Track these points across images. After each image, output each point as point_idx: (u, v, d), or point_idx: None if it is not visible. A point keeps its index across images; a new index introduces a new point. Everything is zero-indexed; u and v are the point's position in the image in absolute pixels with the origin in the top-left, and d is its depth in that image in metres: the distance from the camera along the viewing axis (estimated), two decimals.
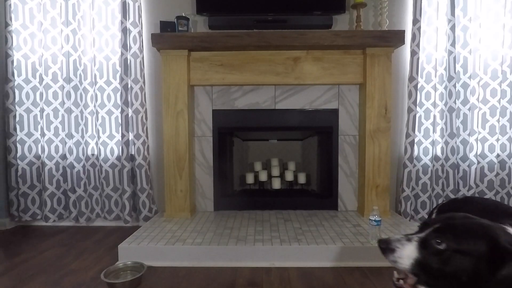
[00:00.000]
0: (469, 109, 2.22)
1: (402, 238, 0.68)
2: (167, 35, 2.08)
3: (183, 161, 2.19)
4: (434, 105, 2.26)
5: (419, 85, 2.24)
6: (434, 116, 2.27)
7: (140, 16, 2.22)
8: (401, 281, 0.71)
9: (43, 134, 2.28)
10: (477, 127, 2.29)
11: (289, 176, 2.47)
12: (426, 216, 2.25)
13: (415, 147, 2.27)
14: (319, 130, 2.36)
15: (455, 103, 2.20)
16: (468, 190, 2.26)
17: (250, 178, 2.51)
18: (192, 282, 1.48)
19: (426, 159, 2.29)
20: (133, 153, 2.29)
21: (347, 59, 2.20)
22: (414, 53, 2.19)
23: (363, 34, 2.07)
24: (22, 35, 2.26)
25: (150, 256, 1.67)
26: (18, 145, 2.29)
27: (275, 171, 2.51)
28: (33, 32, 2.27)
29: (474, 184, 2.29)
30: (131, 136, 2.27)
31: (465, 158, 2.24)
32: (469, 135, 2.23)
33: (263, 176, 2.49)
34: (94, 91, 2.28)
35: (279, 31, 2.09)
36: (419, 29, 2.17)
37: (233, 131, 2.42)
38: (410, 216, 2.29)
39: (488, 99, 2.26)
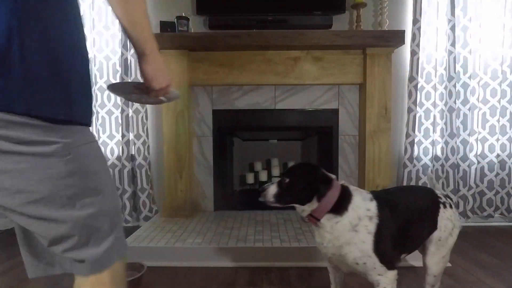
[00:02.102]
0: (469, 109, 2.22)
1: (269, 184, 1.05)
2: (167, 35, 2.08)
3: (183, 161, 2.19)
4: (434, 105, 2.26)
5: (419, 85, 2.24)
6: (434, 116, 2.27)
7: None
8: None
9: None
10: (477, 127, 2.29)
11: None
12: None
13: (415, 147, 2.27)
14: (319, 130, 2.36)
15: (455, 103, 2.20)
16: (468, 190, 2.26)
17: (250, 178, 2.51)
18: (192, 282, 1.48)
19: (426, 159, 2.29)
20: (133, 153, 2.30)
21: (347, 59, 2.20)
22: (414, 53, 2.19)
23: (363, 34, 2.07)
24: None
25: (150, 256, 1.67)
26: None
27: (275, 171, 2.51)
28: None
29: (474, 184, 2.29)
30: (131, 136, 2.27)
31: (465, 158, 2.24)
32: (469, 135, 2.24)
33: (263, 176, 2.48)
34: (94, 91, 2.28)
35: (279, 31, 2.09)
36: (419, 29, 2.17)
37: (233, 131, 2.42)
38: None
39: (488, 99, 2.26)
